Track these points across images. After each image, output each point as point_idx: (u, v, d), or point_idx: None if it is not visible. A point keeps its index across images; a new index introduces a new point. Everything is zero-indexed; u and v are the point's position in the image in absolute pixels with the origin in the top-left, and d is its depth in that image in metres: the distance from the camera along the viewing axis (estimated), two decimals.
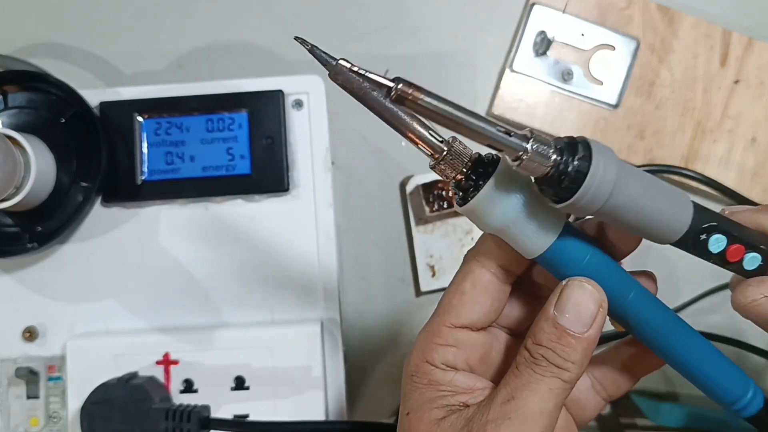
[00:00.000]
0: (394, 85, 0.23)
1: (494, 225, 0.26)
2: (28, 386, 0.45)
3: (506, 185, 0.25)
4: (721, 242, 0.26)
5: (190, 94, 0.46)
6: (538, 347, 0.25)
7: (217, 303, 0.46)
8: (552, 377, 0.25)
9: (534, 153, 0.23)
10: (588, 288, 0.25)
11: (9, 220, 0.45)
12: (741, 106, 0.54)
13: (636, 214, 0.25)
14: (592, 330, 0.25)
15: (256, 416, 0.43)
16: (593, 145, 0.24)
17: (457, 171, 0.25)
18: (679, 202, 0.26)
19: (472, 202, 0.25)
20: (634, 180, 0.24)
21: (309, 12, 0.57)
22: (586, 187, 0.23)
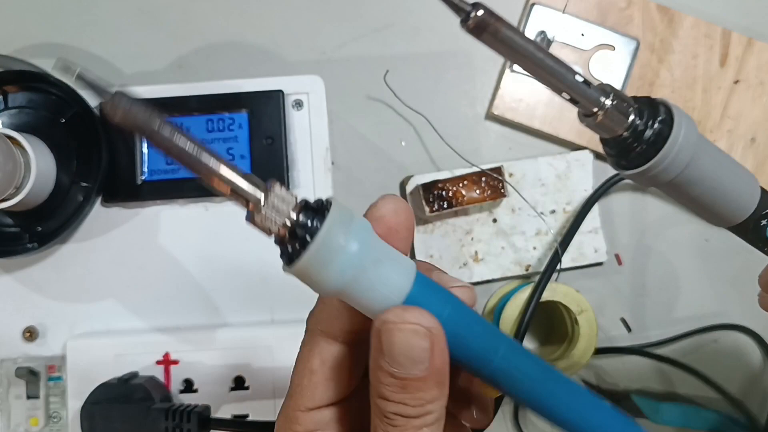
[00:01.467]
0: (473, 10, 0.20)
1: (330, 288, 0.20)
2: (28, 386, 0.45)
3: (341, 236, 0.20)
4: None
5: (190, 94, 0.46)
6: (387, 404, 0.21)
7: (217, 303, 0.46)
8: (416, 429, 0.22)
9: (612, 109, 0.21)
10: (407, 328, 0.21)
11: (9, 220, 0.45)
12: (741, 106, 0.54)
13: (708, 189, 0.23)
14: (436, 359, 0.21)
15: (256, 416, 0.43)
16: (675, 109, 0.22)
17: (279, 223, 0.20)
18: (748, 182, 0.24)
19: (300, 262, 0.20)
20: (711, 153, 0.23)
21: (309, 12, 0.57)
22: (665, 153, 0.21)
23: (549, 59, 0.21)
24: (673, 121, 0.21)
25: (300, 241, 0.20)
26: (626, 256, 0.55)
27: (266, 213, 0.20)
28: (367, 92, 0.56)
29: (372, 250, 0.21)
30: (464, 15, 0.20)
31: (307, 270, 0.20)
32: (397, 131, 0.56)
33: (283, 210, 0.20)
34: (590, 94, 0.21)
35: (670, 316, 0.56)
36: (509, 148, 0.56)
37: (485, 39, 0.20)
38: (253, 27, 0.56)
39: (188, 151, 0.19)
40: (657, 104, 0.22)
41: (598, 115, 0.21)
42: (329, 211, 0.20)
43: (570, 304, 0.50)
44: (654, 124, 0.21)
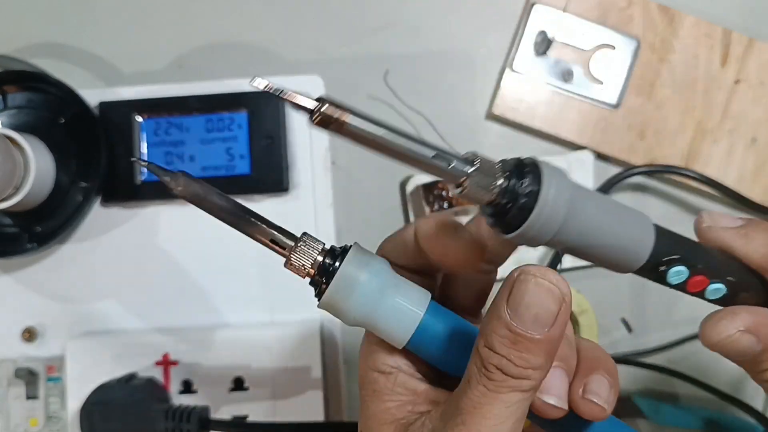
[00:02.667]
0: (317, 105, 0.21)
1: (353, 318, 0.24)
2: (27, 386, 0.45)
3: (357, 273, 0.23)
4: (682, 275, 0.24)
5: (190, 94, 0.46)
6: (491, 354, 0.21)
7: (217, 303, 0.45)
8: (510, 391, 0.21)
9: (477, 178, 0.21)
10: (545, 284, 0.21)
11: (9, 220, 0.45)
12: (741, 106, 0.54)
13: (593, 241, 0.22)
14: (555, 328, 0.21)
15: (256, 417, 0.43)
16: (543, 167, 0.21)
17: (309, 266, 0.24)
18: (640, 229, 0.23)
19: (324, 297, 0.24)
20: (591, 204, 0.22)
21: (309, 12, 0.57)
22: (537, 214, 0.21)
23: (403, 141, 0.21)
24: (541, 180, 0.21)
25: (325, 280, 0.24)
26: None
27: (296, 258, 0.24)
28: (367, 92, 0.56)
29: (386, 284, 0.24)
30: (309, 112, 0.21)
31: (331, 303, 0.24)
32: None
33: (311, 255, 0.24)
34: (451, 170, 0.21)
35: (670, 316, 0.55)
36: (509, 148, 0.56)
37: (333, 131, 0.21)
38: (253, 27, 0.56)
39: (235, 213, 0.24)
40: (524, 166, 0.22)
41: (464, 186, 0.21)
42: (348, 253, 0.24)
43: None
44: (522, 186, 0.21)
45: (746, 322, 0.24)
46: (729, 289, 0.25)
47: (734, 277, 0.25)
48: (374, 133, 0.21)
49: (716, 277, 0.25)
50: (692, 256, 0.24)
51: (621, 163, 0.55)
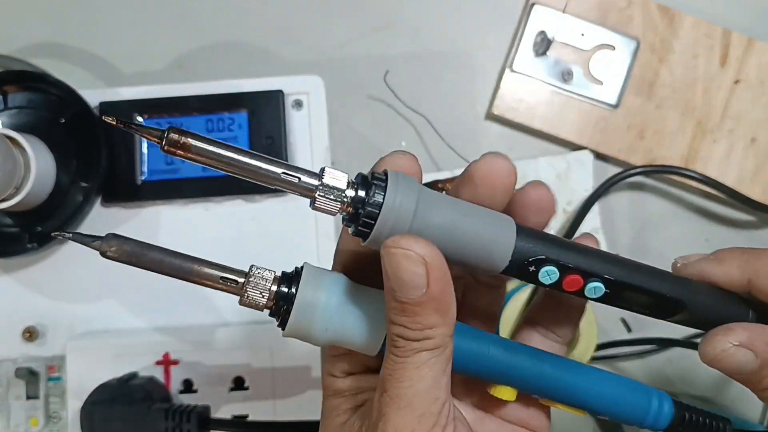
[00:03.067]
0: (164, 133, 0.22)
1: (321, 340, 0.24)
2: (28, 386, 0.45)
3: (313, 296, 0.23)
4: (553, 274, 0.24)
5: (190, 94, 0.46)
6: (392, 326, 0.23)
7: (217, 303, 0.46)
8: (415, 353, 0.23)
9: (326, 190, 0.22)
10: (400, 252, 0.22)
11: (9, 220, 0.45)
12: (741, 106, 0.54)
13: (447, 244, 0.23)
14: (433, 286, 0.22)
15: (256, 416, 0.43)
16: (390, 176, 0.22)
17: (265, 298, 0.23)
18: (499, 229, 0.24)
19: (288, 327, 0.23)
20: (441, 208, 0.23)
21: (309, 12, 0.57)
22: (383, 220, 0.22)
23: (251, 159, 0.22)
24: (387, 185, 0.22)
25: (284, 309, 0.23)
26: (626, 255, 0.55)
27: (250, 294, 0.23)
28: (367, 92, 0.56)
29: (346, 299, 0.24)
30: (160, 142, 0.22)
31: (295, 332, 0.24)
32: (397, 131, 0.56)
33: (264, 286, 0.23)
34: (300, 185, 0.22)
35: None
36: (509, 148, 0.56)
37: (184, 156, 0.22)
38: (253, 27, 0.56)
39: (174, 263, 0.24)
40: (373, 176, 0.23)
41: (316, 199, 0.22)
42: (302, 276, 0.24)
43: None
44: (369, 195, 0.22)
45: (740, 337, 0.25)
46: (608, 287, 0.25)
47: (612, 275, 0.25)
48: (220, 153, 0.22)
49: (592, 276, 0.25)
50: (562, 256, 0.24)
51: (620, 163, 0.55)
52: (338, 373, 0.27)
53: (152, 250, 0.24)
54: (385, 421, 0.23)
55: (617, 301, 0.26)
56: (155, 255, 0.24)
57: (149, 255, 0.24)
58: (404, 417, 0.23)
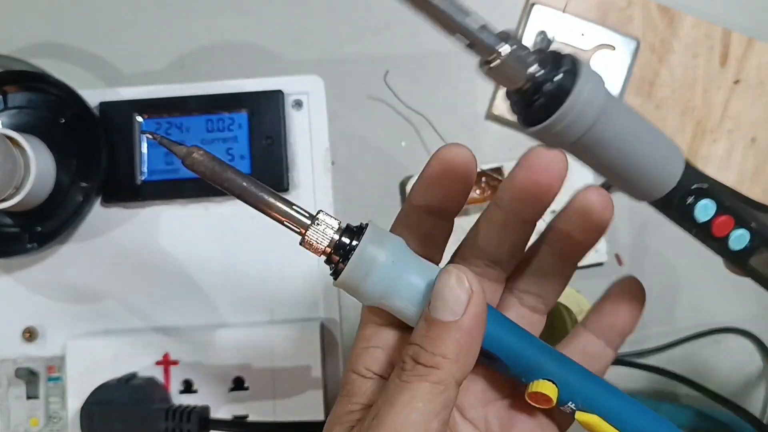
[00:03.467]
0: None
1: (370, 297, 0.24)
2: (28, 386, 0.45)
3: (374, 252, 0.23)
4: (710, 210, 0.23)
5: (190, 94, 0.46)
6: (409, 347, 0.23)
7: (217, 303, 0.45)
8: (419, 381, 0.22)
9: (510, 56, 0.20)
10: (454, 272, 0.22)
11: (9, 220, 0.45)
12: (741, 106, 0.54)
13: (620, 154, 0.21)
14: (465, 318, 0.22)
15: (256, 417, 0.43)
16: (581, 62, 0.20)
17: (324, 245, 0.23)
18: (670, 150, 0.22)
19: (342, 276, 0.23)
20: (624, 112, 0.21)
21: (309, 12, 0.57)
22: (569, 106, 0.19)
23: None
24: (578, 73, 0.20)
25: (342, 259, 0.23)
26: (626, 256, 0.55)
27: (313, 237, 0.23)
28: (367, 92, 0.56)
29: (403, 263, 0.24)
30: None
31: (348, 282, 0.24)
32: (397, 131, 0.56)
33: (327, 233, 0.23)
34: (485, 39, 0.20)
35: (670, 315, 0.55)
36: (509, 148, 0.56)
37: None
38: (253, 27, 0.56)
39: (252, 191, 0.23)
40: (562, 56, 0.20)
41: (495, 62, 0.20)
42: (365, 231, 0.24)
43: (570, 304, 0.50)
44: (556, 75, 0.20)
45: None
46: (752, 238, 0.24)
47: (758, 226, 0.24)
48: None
49: (741, 221, 0.23)
50: (719, 192, 0.23)
51: None
52: (362, 369, 0.26)
53: (230, 172, 0.23)
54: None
55: (748, 259, 0.24)
56: (233, 176, 0.23)
57: (226, 175, 0.23)
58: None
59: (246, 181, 0.23)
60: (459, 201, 0.26)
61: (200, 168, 0.23)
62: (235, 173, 0.23)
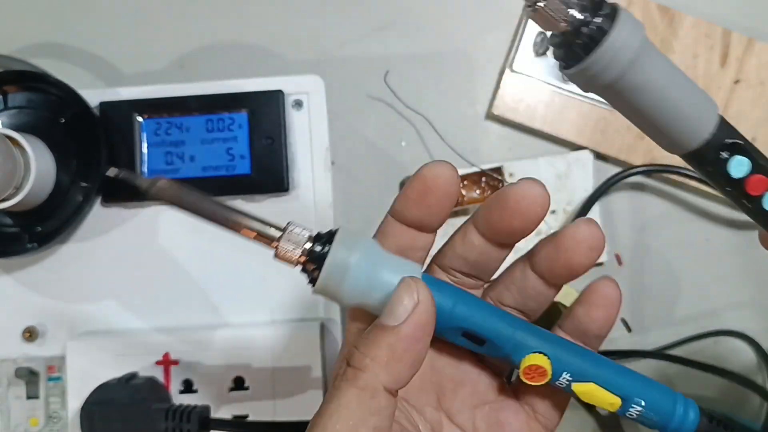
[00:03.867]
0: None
1: (349, 300, 0.24)
2: (28, 386, 0.45)
3: (346, 256, 0.24)
4: (744, 166, 0.22)
5: (190, 94, 0.46)
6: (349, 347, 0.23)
7: (217, 303, 0.46)
8: (347, 387, 0.22)
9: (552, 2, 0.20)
10: (407, 281, 0.23)
11: (9, 220, 0.45)
12: (741, 106, 0.54)
13: (655, 101, 0.21)
14: (405, 325, 0.22)
15: (256, 416, 0.43)
16: (620, 8, 0.21)
17: (298, 253, 0.24)
18: (704, 102, 0.22)
19: (318, 283, 0.24)
20: (659, 60, 0.21)
21: (309, 12, 0.57)
22: (604, 49, 0.20)
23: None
24: (617, 18, 0.20)
25: (316, 266, 0.24)
26: (626, 256, 0.55)
27: (285, 248, 0.24)
28: (367, 92, 0.56)
29: (377, 263, 0.24)
30: None
31: (326, 288, 0.24)
32: (397, 131, 0.56)
33: (299, 243, 0.24)
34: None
35: (670, 316, 0.55)
36: (509, 148, 0.56)
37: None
38: (253, 27, 0.56)
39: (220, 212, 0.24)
40: (603, 2, 0.21)
41: (539, 5, 0.20)
42: (335, 236, 0.24)
43: (562, 298, 0.50)
44: (595, 18, 0.20)
45: None
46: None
47: None
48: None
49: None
50: (754, 150, 0.23)
51: (620, 163, 0.55)
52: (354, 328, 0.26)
53: (197, 197, 0.24)
54: None
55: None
56: (199, 201, 0.24)
57: (193, 200, 0.24)
58: None
59: (213, 204, 0.24)
60: (441, 217, 0.26)
61: (165, 196, 0.24)
62: (201, 198, 0.24)
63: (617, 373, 0.26)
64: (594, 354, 0.26)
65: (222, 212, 0.24)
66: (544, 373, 0.25)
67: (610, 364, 0.26)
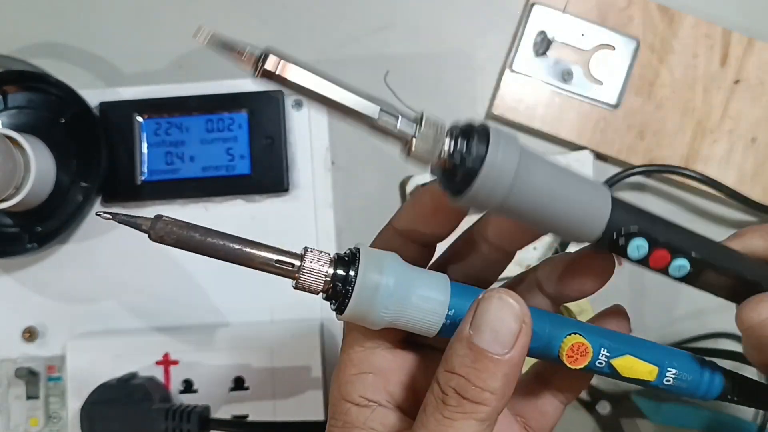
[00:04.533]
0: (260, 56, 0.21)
1: (382, 323, 0.23)
2: (28, 386, 0.45)
3: (375, 278, 0.22)
4: (643, 248, 0.24)
5: (190, 94, 0.46)
6: (451, 376, 0.21)
7: (217, 303, 0.46)
8: (465, 419, 0.21)
9: (423, 136, 0.21)
10: (508, 301, 0.21)
11: (9, 220, 0.45)
12: (741, 106, 0.54)
13: (544, 208, 0.22)
14: (515, 351, 0.21)
15: (256, 416, 0.43)
16: (492, 129, 0.21)
17: (322, 282, 0.22)
18: (595, 197, 0.23)
19: (348, 311, 0.22)
20: (541, 169, 0.22)
21: (309, 12, 0.57)
22: (483, 177, 0.20)
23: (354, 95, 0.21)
24: (489, 142, 0.21)
25: (342, 293, 0.22)
26: None
27: (304, 277, 0.22)
28: (367, 92, 0.56)
29: (405, 280, 0.23)
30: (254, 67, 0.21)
31: (356, 315, 0.23)
32: None
33: (321, 271, 0.22)
34: (398, 132, 0.21)
35: (670, 316, 0.55)
36: None
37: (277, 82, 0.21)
38: (253, 27, 0.56)
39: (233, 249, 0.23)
40: (472, 128, 0.21)
41: (410, 146, 0.21)
42: (359, 259, 0.23)
43: (569, 304, 0.50)
44: (469, 149, 0.21)
45: None
46: (692, 267, 0.24)
47: (698, 254, 0.25)
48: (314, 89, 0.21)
49: (679, 253, 0.24)
50: (653, 229, 0.24)
51: (620, 163, 0.55)
52: (356, 397, 0.24)
53: (202, 233, 0.22)
54: None
55: (695, 282, 0.25)
56: (205, 237, 0.22)
57: (198, 238, 0.22)
58: None
59: (220, 237, 0.22)
60: (447, 232, 0.25)
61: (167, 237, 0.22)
62: (206, 232, 0.22)
63: (646, 345, 0.26)
64: (618, 333, 0.27)
65: (230, 246, 0.23)
66: (587, 351, 0.25)
67: (636, 338, 0.26)
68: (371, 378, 0.24)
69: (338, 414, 0.24)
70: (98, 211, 0.23)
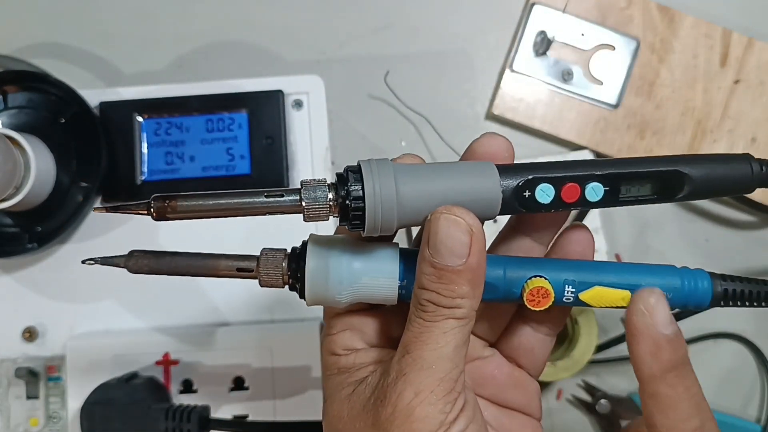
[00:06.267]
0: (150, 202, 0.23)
1: (342, 302, 0.25)
2: (28, 386, 0.45)
3: (322, 262, 0.25)
4: (549, 189, 0.24)
5: (190, 94, 0.46)
6: (423, 292, 0.24)
7: (217, 303, 0.46)
8: (443, 320, 0.24)
9: (309, 200, 0.23)
10: (452, 217, 0.23)
11: (9, 220, 0.45)
12: (741, 106, 0.54)
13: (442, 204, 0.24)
14: (472, 258, 0.23)
15: (256, 416, 0.43)
16: (363, 167, 0.23)
17: (280, 276, 0.25)
18: (480, 177, 0.24)
19: (308, 297, 0.25)
20: (421, 180, 0.24)
21: (309, 12, 0.57)
22: (370, 211, 0.23)
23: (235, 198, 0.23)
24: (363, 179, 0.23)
25: (300, 282, 0.25)
26: (626, 256, 0.55)
27: (265, 275, 0.25)
28: (367, 92, 0.56)
29: (353, 257, 0.25)
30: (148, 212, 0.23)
31: (315, 299, 0.25)
32: (397, 131, 0.56)
33: (277, 266, 0.25)
34: (286, 204, 0.23)
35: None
36: None
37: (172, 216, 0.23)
38: (253, 27, 0.56)
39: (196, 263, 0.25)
40: (345, 174, 0.24)
41: (304, 211, 0.23)
42: (307, 247, 0.25)
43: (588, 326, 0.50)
44: (349, 192, 0.23)
45: None
46: (605, 184, 0.25)
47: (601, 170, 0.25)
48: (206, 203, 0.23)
49: (587, 179, 0.25)
50: (548, 171, 0.25)
51: None
52: (340, 350, 0.28)
53: (170, 258, 0.25)
54: (405, 381, 0.24)
55: (619, 197, 0.25)
56: (173, 261, 0.25)
57: (168, 262, 0.25)
58: (425, 378, 0.24)
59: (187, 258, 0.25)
60: None
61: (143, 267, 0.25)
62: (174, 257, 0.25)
63: (617, 270, 0.26)
64: (589, 262, 0.27)
65: (196, 263, 0.25)
66: (547, 293, 0.25)
67: (608, 264, 0.27)
68: (348, 333, 0.28)
69: (329, 366, 0.28)
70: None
